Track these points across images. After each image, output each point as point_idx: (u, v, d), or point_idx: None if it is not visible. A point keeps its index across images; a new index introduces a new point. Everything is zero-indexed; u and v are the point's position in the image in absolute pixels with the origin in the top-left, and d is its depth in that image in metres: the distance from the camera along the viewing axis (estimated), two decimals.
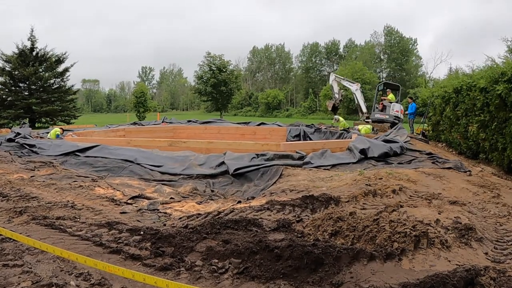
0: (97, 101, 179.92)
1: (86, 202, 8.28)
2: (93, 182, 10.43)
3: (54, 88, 47.75)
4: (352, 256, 4.78)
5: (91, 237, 5.83)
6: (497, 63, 15.82)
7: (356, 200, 7.93)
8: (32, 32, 45.79)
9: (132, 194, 9.11)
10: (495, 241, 5.81)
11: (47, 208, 7.56)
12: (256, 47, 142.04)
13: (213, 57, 72.62)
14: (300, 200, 7.83)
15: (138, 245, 5.45)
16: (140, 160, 12.81)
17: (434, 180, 10.27)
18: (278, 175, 10.96)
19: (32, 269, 4.72)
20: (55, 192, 9.20)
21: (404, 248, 5.07)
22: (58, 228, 6.22)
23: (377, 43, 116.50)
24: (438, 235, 5.49)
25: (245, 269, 4.70)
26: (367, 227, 5.70)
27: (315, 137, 22.99)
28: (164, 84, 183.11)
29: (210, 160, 12.61)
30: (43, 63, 46.68)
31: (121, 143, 16.71)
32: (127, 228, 6.19)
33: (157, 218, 7.39)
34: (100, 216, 7.22)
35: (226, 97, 72.29)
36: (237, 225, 6.22)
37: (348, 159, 13.22)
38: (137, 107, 64.76)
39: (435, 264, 4.81)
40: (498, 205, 8.12)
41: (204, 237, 5.66)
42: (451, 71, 63.48)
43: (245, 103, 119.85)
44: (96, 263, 4.29)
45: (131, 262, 5.00)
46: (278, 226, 6.37)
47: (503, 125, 13.20)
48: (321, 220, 6.29)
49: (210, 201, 8.97)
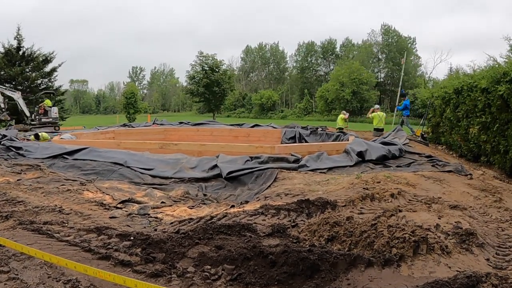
0: (86, 102, 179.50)
1: (74, 207, 8.26)
2: (81, 186, 10.40)
3: (42, 88, 47.55)
4: (349, 262, 4.79)
5: (79, 242, 5.81)
6: (499, 63, 15.85)
7: (353, 205, 7.95)
8: (18, 31, 45.69)
9: (122, 198, 9.09)
10: (497, 247, 5.83)
11: (34, 212, 7.54)
12: (249, 46, 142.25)
13: (206, 57, 72.56)
14: (296, 204, 7.83)
15: (128, 251, 5.43)
16: (130, 163, 12.79)
17: (434, 183, 10.29)
18: (273, 178, 10.97)
19: (19, 275, 4.71)
20: (42, 196, 9.18)
21: (403, 254, 5.08)
22: (46, 233, 6.20)
23: (374, 42, 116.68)
24: (438, 241, 5.50)
25: (239, 276, 4.69)
26: (364, 232, 5.70)
27: (311, 139, 22.96)
28: (155, 84, 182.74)
29: (203, 163, 12.60)
30: (30, 63, 46.50)
31: (111, 146, 16.67)
32: (116, 233, 6.18)
33: (147, 223, 7.38)
34: (88, 221, 7.21)
35: (219, 98, 72.11)
36: (230, 230, 6.22)
37: (345, 162, 13.24)
38: (127, 108, 64.48)
39: (435, 271, 4.82)
40: (500, 209, 8.14)
41: (196, 243, 5.66)
42: (451, 71, 63.72)
43: (239, 104, 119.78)
44: (87, 268, 4.28)
45: (121, 269, 4.99)
46: (273, 231, 6.37)
47: (505, 127, 13.22)
48: (317, 225, 6.29)
49: (203, 205, 8.96)
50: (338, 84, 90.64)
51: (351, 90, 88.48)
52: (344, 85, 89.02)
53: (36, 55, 47.02)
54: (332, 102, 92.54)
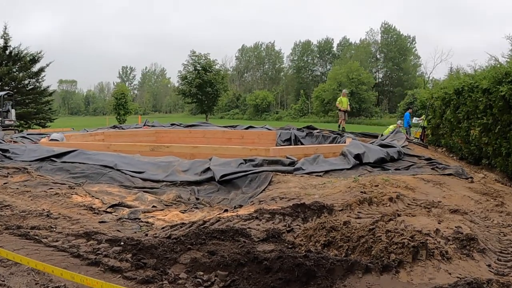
0: (75, 103, 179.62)
1: (62, 211, 8.23)
2: (70, 190, 10.37)
3: (29, 89, 47.49)
4: (346, 268, 4.79)
5: (68, 248, 5.80)
6: (501, 63, 15.87)
7: (350, 209, 7.95)
8: (5, 29, 45.59)
9: (112, 202, 9.07)
10: (498, 253, 5.84)
11: (21, 217, 7.52)
12: (245, 46, 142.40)
13: (198, 56, 72.44)
14: (291, 208, 7.83)
15: (118, 256, 5.42)
16: (121, 166, 12.75)
17: (433, 187, 10.31)
18: (268, 182, 10.95)
19: (5, 282, 4.69)
20: (29, 200, 9.15)
21: (401, 260, 5.08)
22: (33, 238, 6.19)
23: (373, 41, 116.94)
24: (438, 246, 5.51)
25: (232, 282, 4.69)
26: (362, 237, 5.71)
27: (307, 141, 22.93)
28: (146, 85, 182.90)
29: (195, 166, 12.58)
30: (17, 63, 46.40)
31: (100, 148, 16.63)
32: (106, 239, 6.17)
33: (138, 228, 7.37)
34: (77, 226, 7.19)
35: (212, 99, 71.97)
36: (224, 235, 6.22)
37: (342, 165, 13.23)
38: (117, 109, 64.27)
39: (435, 277, 4.82)
40: (502, 214, 8.16)
41: (188, 248, 5.65)
42: (451, 71, 63.95)
43: (232, 105, 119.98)
44: (73, 275, 4.27)
45: (111, 275, 4.98)
46: (268, 236, 6.37)
47: (507, 128, 13.21)
48: (313, 230, 6.29)
49: (195, 209, 8.95)
50: (336, 84, 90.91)
51: (350, 90, 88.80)
52: (342, 85, 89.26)
53: (24, 54, 46.94)
54: (329, 103, 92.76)
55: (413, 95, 71.38)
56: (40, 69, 48.56)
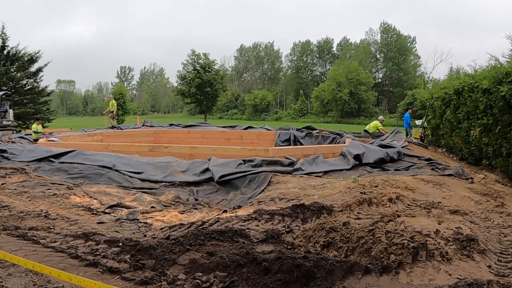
0: (73, 103, 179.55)
1: (60, 212, 8.24)
2: (68, 190, 10.37)
3: (27, 89, 47.36)
4: (346, 269, 4.79)
5: (66, 249, 5.79)
6: (501, 63, 15.88)
7: (350, 209, 7.95)
8: (3, 29, 45.48)
9: (110, 203, 9.08)
10: (499, 253, 5.84)
11: (19, 217, 7.52)
12: (243, 46, 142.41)
13: (198, 56, 72.35)
14: (290, 209, 7.82)
15: (117, 257, 5.42)
16: (119, 167, 12.75)
17: (433, 188, 10.31)
18: (267, 182, 10.95)
19: (3, 283, 4.69)
20: (27, 200, 9.15)
21: (401, 261, 5.08)
22: (31, 239, 6.18)
23: (373, 41, 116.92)
24: (438, 247, 5.51)
25: (231, 283, 4.69)
26: (361, 238, 5.70)
27: (306, 141, 22.91)
28: (145, 85, 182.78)
29: (194, 166, 12.58)
30: (14, 63, 46.30)
31: (99, 148, 16.62)
32: (104, 239, 6.16)
33: (137, 229, 7.37)
34: (75, 227, 7.20)
35: (211, 99, 71.93)
36: (223, 236, 6.21)
37: (342, 165, 13.22)
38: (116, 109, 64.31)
39: (435, 278, 4.82)
40: (502, 214, 8.16)
41: (187, 249, 5.65)
42: (451, 71, 63.94)
43: (231, 105, 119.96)
44: (71, 277, 4.27)
45: (109, 276, 4.98)
46: (267, 237, 6.37)
47: (507, 129, 13.21)
48: (313, 230, 6.29)
49: (194, 210, 8.96)
50: (335, 84, 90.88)
51: (349, 90, 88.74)
52: (341, 85, 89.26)
53: (21, 54, 46.80)
54: (329, 103, 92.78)
55: (413, 95, 71.31)
56: (38, 69, 48.41)
